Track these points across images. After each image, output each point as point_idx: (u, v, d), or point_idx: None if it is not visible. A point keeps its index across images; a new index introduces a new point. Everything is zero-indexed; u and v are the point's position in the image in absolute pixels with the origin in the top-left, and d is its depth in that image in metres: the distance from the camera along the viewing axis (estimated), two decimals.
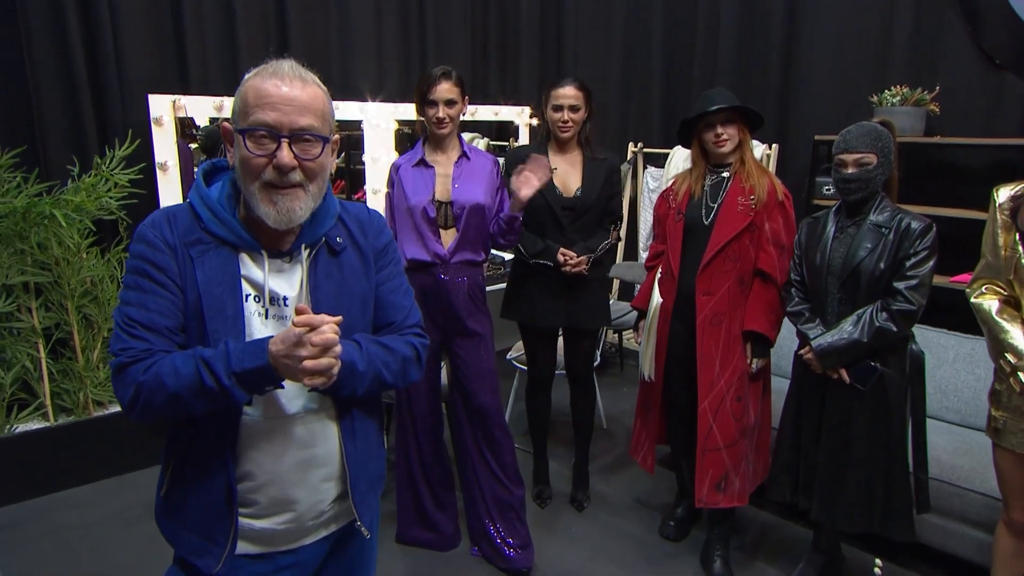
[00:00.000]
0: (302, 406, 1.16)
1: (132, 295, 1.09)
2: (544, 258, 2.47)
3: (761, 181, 2.22)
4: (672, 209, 2.37)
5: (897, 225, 1.94)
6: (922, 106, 3.04)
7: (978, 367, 2.59)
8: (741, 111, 2.22)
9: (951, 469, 2.27)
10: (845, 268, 1.99)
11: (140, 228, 1.12)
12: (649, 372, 2.37)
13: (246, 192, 1.10)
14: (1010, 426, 1.76)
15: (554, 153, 2.53)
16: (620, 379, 4.15)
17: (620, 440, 3.38)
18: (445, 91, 2.23)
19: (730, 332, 2.23)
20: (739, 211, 2.21)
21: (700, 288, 2.25)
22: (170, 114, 2.96)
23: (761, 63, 3.85)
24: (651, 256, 2.51)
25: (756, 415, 2.29)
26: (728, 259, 2.22)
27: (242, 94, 1.09)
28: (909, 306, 1.90)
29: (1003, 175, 2.98)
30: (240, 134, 1.07)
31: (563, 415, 3.45)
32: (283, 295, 1.15)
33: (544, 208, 2.48)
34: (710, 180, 2.30)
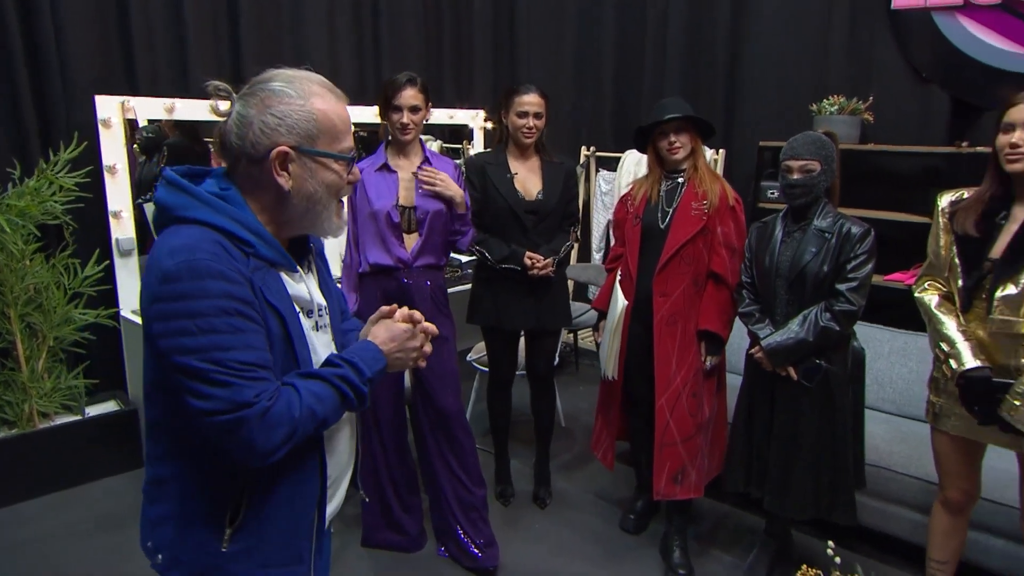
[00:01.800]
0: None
1: (231, 339, 0.96)
2: (511, 262, 2.52)
3: (713, 187, 2.31)
4: (630, 214, 2.45)
5: (839, 230, 2.06)
6: (857, 115, 3.23)
7: (911, 359, 2.77)
8: (693, 120, 2.31)
9: (888, 455, 2.43)
10: (792, 271, 2.10)
11: (206, 265, 0.96)
12: (612, 371, 2.44)
13: (323, 212, 1.09)
14: (947, 410, 1.90)
15: (513, 158, 2.58)
16: (576, 378, 4.23)
17: (578, 438, 3.45)
18: (410, 97, 2.25)
19: (686, 331, 2.32)
20: (693, 215, 2.30)
21: (657, 289, 2.33)
22: (119, 116, 2.88)
23: (708, 71, 3.99)
24: (610, 258, 2.58)
25: (711, 411, 2.39)
26: (683, 261, 2.31)
27: (322, 119, 1.05)
28: (850, 306, 2.02)
29: (932, 180, 3.21)
30: (343, 161, 1.09)
31: (522, 415, 3.51)
32: (323, 304, 1.18)
33: (507, 212, 2.53)
34: (665, 186, 2.39)
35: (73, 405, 2.92)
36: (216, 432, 0.96)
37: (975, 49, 3.12)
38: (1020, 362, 1.74)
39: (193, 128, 4.42)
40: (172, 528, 1.07)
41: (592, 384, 4.13)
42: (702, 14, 3.98)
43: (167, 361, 0.97)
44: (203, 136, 4.24)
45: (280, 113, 1.03)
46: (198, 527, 1.06)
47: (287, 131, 1.03)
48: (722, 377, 2.45)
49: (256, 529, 1.07)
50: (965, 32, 3.13)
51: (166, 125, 4.56)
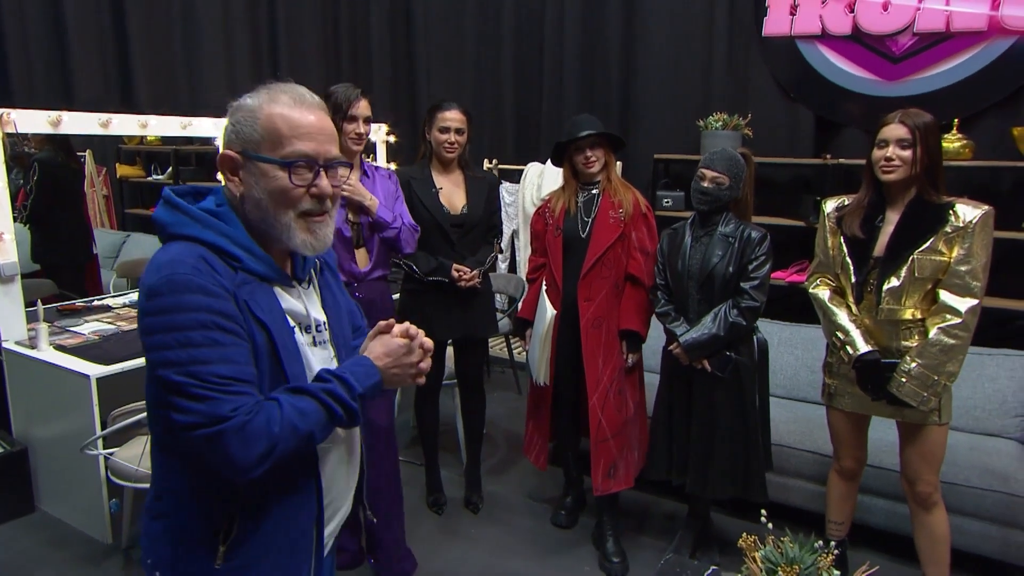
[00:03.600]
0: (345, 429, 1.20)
1: (209, 352, 0.97)
2: (439, 275, 2.57)
3: (627, 196, 2.49)
4: (550, 225, 2.56)
5: (740, 235, 2.28)
6: (739, 130, 3.58)
7: (796, 348, 3.11)
8: (606, 136, 2.47)
9: (787, 435, 2.71)
10: (702, 272, 2.30)
11: (185, 279, 0.98)
12: (545, 377, 2.51)
13: (275, 223, 1.07)
14: (840, 390, 2.18)
15: (437, 173, 2.64)
16: (490, 385, 4.31)
17: (500, 442, 3.53)
18: (365, 108, 2.27)
19: (609, 332, 2.47)
20: (611, 223, 2.45)
21: (582, 295, 2.46)
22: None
23: (603, 88, 4.23)
24: (532, 269, 2.69)
25: (634, 405, 2.54)
26: (605, 267, 2.46)
27: (267, 123, 1.05)
28: (754, 303, 2.25)
29: (803, 188, 3.61)
30: (283, 166, 1.05)
31: (442, 424, 3.54)
32: (320, 320, 1.17)
33: (433, 226, 2.58)
34: (582, 197, 2.53)
35: None
36: (196, 446, 0.96)
37: (831, 72, 3.55)
38: (901, 344, 2.03)
39: (66, 143, 4.08)
40: (168, 544, 1.07)
41: (505, 390, 4.22)
42: (595, 33, 4.21)
43: (152, 375, 0.99)
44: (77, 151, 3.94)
45: (236, 121, 1.07)
46: (193, 543, 1.05)
47: (236, 137, 1.07)
48: (641, 374, 2.61)
49: (251, 547, 1.06)
50: (823, 58, 3.57)
51: (35, 140, 4.18)
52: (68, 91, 3.06)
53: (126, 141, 5.42)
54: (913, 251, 1.96)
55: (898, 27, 3.38)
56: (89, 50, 3.14)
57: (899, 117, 1.98)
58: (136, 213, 5.95)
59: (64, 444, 2.61)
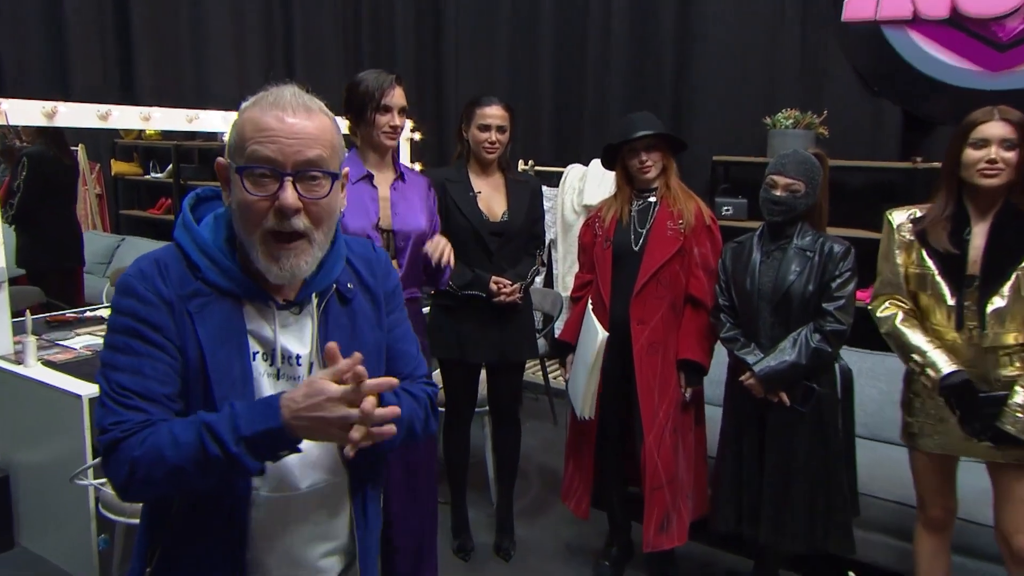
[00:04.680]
0: (319, 477, 1.15)
1: (122, 359, 1.04)
2: (474, 289, 2.54)
3: (688, 205, 2.44)
4: (599, 236, 2.53)
5: (820, 248, 2.23)
6: (812, 129, 3.51)
7: (879, 380, 3.01)
8: (665, 137, 2.44)
9: (870, 480, 2.60)
10: (776, 292, 2.24)
11: (126, 280, 1.07)
12: (589, 411, 2.47)
13: (245, 241, 1.09)
14: (926, 430, 2.11)
15: (475, 175, 2.63)
16: (522, 413, 4.23)
17: (535, 479, 3.48)
18: (400, 97, 2.24)
19: (666, 361, 2.42)
20: (669, 235, 2.41)
21: (634, 316, 2.41)
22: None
23: (654, 81, 4.20)
24: (576, 286, 2.65)
25: (690, 447, 2.48)
26: (661, 285, 2.41)
27: (238, 127, 1.08)
28: (839, 326, 2.18)
29: (885, 196, 3.52)
30: (238, 173, 1.06)
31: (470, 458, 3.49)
32: (295, 352, 1.13)
33: (470, 234, 2.55)
34: (637, 205, 2.49)
35: None
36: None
37: (923, 62, 3.47)
38: (999, 373, 1.96)
39: (59, 136, 4.15)
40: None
41: (540, 420, 4.17)
42: (646, 20, 4.18)
43: None
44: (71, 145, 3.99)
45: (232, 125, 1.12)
46: (134, 560, 1.14)
47: (227, 145, 1.11)
48: (701, 409, 2.55)
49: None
50: (913, 46, 3.48)
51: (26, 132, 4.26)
52: (64, 80, 3.10)
53: (123, 135, 5.51)
54: (1016, 266, 1.93)
55: (1006, 9, 3.27)
56: (87, 36, 3.18)
57: (998, 114, 1.94)
58: (132, 215, 6.05)
59: (51, 472, 2.61)
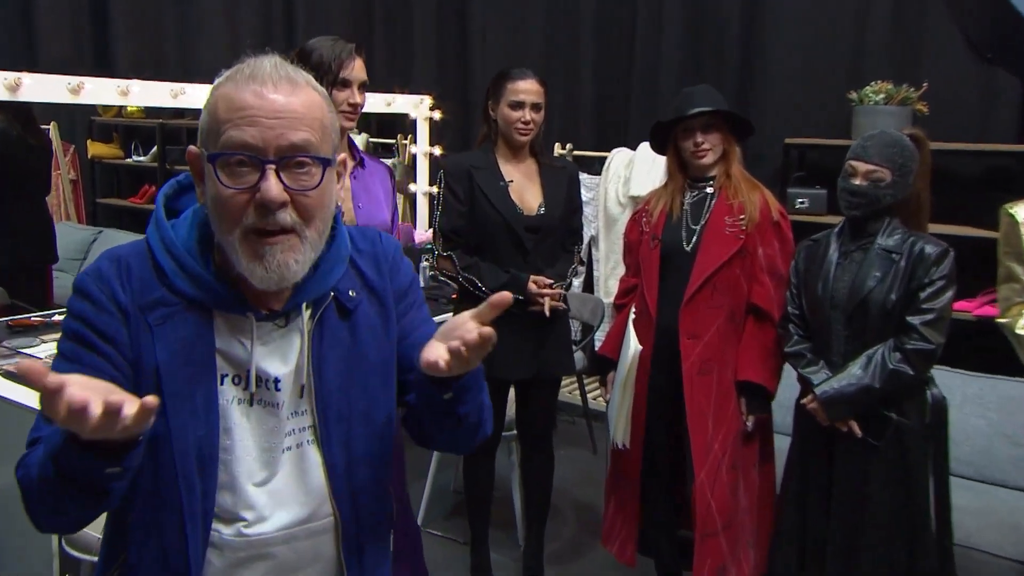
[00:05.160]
0: (292, 517, 1.15)
1: (61, 364, 1.06)
2: (511, 291, 2.54)
3: (752, 197, 2.43)
4: (646, 234, 2.53)
5: (909, 250, 2.19)
6: (908, 105, 3.45)
7: (988, 409, 2.95)
8: (726, 116, 2.43)
9: (975, 532, 2.56)
10: (851, 300, 2.22)
11: (82, 280, 1.10)
12: (623, 438, 2.47)
13: (223, 241, 1.07)
14: None
15: (505, 161, 2.65)
16: (556, 439, 4.21)
17: (569, 516, 3.48)
18: (360, 70, 2.25)
19: (722, 383, 2.40)
20: (727, 233, 2.40)
21: (684, 329, 2.40)
22: None
23: (715, 50, 4.16)
24: (621, 291, 2.66)
25: (754, 486, 2.46)
26: (716, 292, 2.40)
27: (210, 108, 1.06)
28: (926, 344, 2.14)
29: (999, 186, 3.45)
30: (210, 162, 1.04)
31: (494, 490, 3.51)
32: (274, 375, 1.13)
33: (503, 229, 2.57)
34: (690, 197, 2.49)
35: None
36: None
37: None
38: None
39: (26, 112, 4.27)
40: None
41: (577, 447, 4.19)
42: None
43: None
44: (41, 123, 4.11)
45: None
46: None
47: (199, 129, 1.10)
48: (767, 442, 2.53)
49: None
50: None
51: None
52: (31, 49, 3.21)
53: (101, 112, 5.64)
54: None
55: None
56: (56, 2, 3.29)
57: None
58: (110, 204, 6.19)
59: (11, 501, 2.70)
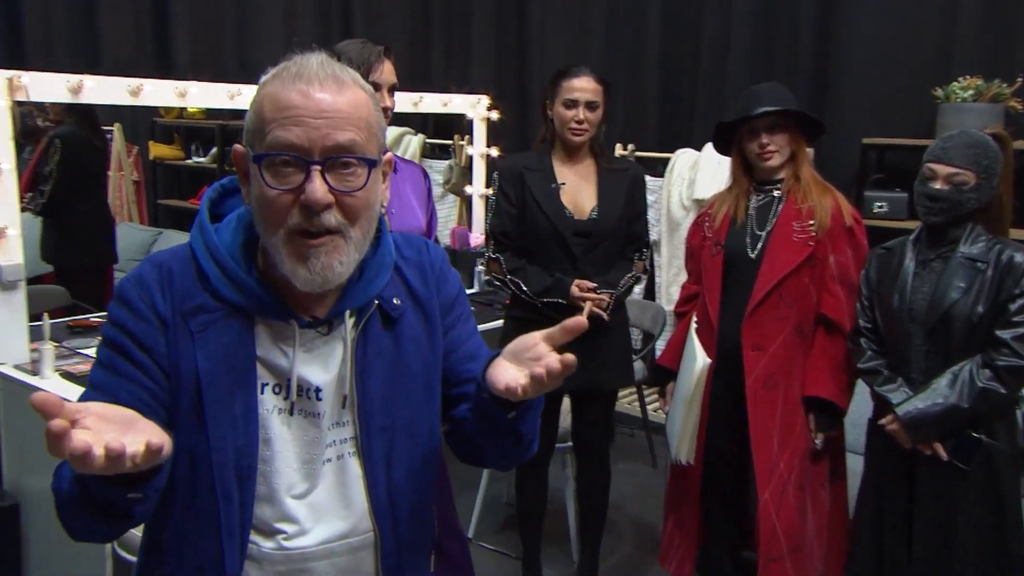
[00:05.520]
0: (332, 532, 1.14)
1: (101, 376, 1.07)
2: (554, 295, 2.52)
3: (823, 201, 2.36)
4: (708, 239, 2.48)
5: (996, 259, 2.09)
6: (1000, 102, 3.28)
7: None
8: (795, 115, 2.36)
9: None
10: (932, 313, 2.13)
11: (123, 286, 1.10)
12: (687, 455, 2.44)
13: (267, 243, 1.07)
14: None
15: (560, 163, 2.63)
16: (614, 452, 4.17)
17: (627, 535, 3.44)
18: (390, 73, 2.25)
19: (788, 398, 2.35)
20: (795, 240, 2.34)
21: (748, 340, 2.36)
22: (5, 97, 2.83)
23: (788, 44, 4.06)
24: (682, 299, 2.64)
25: (823, 508, 2.39)
26: (783, 302, 2.34)
27: (256, 107, 1.06)
28: (1019, 361, 2.04)
29: None
30: (256, 163, 1.04)
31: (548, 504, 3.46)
32: (315, 384, 1.12)
33: (551, 234, 2.56)
34: (756, 201, 2.44)
35: None
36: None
37: None
38: None
39: (91, 114, 4.36)
40: None
41: (636, 461, 4.15)
42: None
43: None
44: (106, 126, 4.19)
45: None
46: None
47: (245, 128, 1.10)
48: (839, 461, 2.45)
49: None
50: None
51: (53, 110, 4.50)
52: (93, 52, 3.26)
53: (162, 114, 5.77)
54: None
55: None
56: (118, 4, 3.34)
57: None
58: (171, 205, 6.33)
59: None
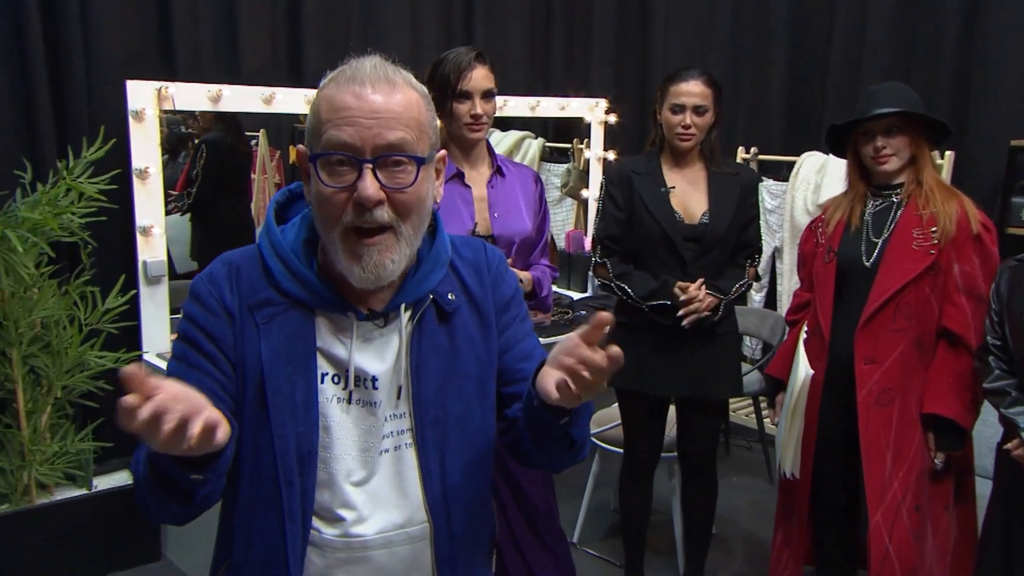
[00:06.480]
0: (390, 522, 1.19)
1: (175, 367, 1.16)
2: (660, 297, 2.53)
3: (947, 207, 2.28)
4: (821, 246, 2.44)
5: None
6: None
7: None
8: (916, 117, 2.27)
9: None
10: None
11: (195, 282, 1.19)
12: (792, 468, 2.41)
13: (325, 239, 1.15)
14: None
15: (669, 167, 2.63)
16: (727, 464, 4.14)
17: (738, 550, 3.40)
18: (482, 78, 2.28)
19: (905, 414, 2.28)
20: (915, 248, 2.28)
21: (861, 353, 2.31)
22: (154, 106, 3.07)
23: (929, 38, 3.92)
24: (793, 307, 2.60)
25: (945, 533, 2.31)
26: (900, 314, 2.28)
27: (314, 109, 1.14)
28: None
29: None
30: (312, 162, 1.11)
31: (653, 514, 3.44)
32: (371, 373, 1.18)
33: (659, 239, 2.55)
34: (873, 207, 2.38)
35: (79, 475, 3.07)
36: None
37: None
38: None
39: (235, 122, 4.64)
40: None
41: (752, 475, 4.09)
42: None
43: None
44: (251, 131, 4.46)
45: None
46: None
47: (306, 130, 1.18)
48: (964, 484, 2.37)
49: None
50: None
51: (202, 117, 4.81)
52: (234, 63, 3.47)
53: (301, 120, 6.09)
54: None
55: None
56: (257, 16, 3.54)
57: None
58: None
59: None
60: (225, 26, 3.49)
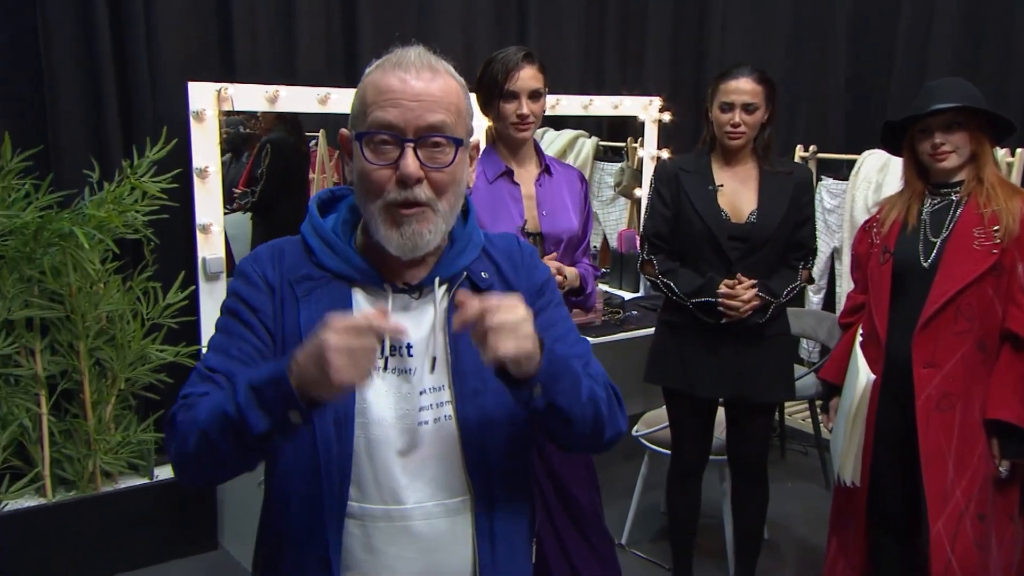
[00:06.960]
0: (429, 492, 1.21)
1: (218, 338, 1.24)
2: (705, 295, 2.51)
3: (1010, 206, 2.23)
4: (877, 246, 2.40)
5: None
6: None
7: None
8: (976, 112, 2.22)
9: None
10: None
11: (242, 262, 1.29)
12: (852, 476, 2.36)
13: (366, 214, 1.22)
14: None
15: (719, 165, 2.61)
16: (783, 469, 4.10)
17: (790, 557, 3.36)
18: (530, 78, 2.30)
19: (967, 420, 2.23)
20: (977, 248, 2.23)
21: (919, 357, 2.26)
22: (214, 107, 3.15)
23: (999, 32, 3.82)
24: (847, 309, 2.56)
25: (1011, 543, 2.26)
26: (961, 316, 2.23)
27: (360, 92, 1.21)
28: None
29: None
30: (357, 140, 1.19)
31: (704, 517, 3.42)
32: (406, 341, 1.22)
33: (705, 238, 2.54)
34: (930, 205, 2.34)
35: (141, 464, 3.18)
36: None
37: None
38: None
39: (296, 123, 4.75)
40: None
41: (807, 480, 4.03)
42: None
43: None
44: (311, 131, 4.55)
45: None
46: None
47: (351, 113, 1.24)
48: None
49: None
50: None
51: (264, 118, 4.92)
52: (290, 64, 3.55)
53: None
54: None
55: None
56: (314, 18, 3.61)
57: None
58: None
59: (255, 478, 3.01)
60: (282, 28, 3.56)
